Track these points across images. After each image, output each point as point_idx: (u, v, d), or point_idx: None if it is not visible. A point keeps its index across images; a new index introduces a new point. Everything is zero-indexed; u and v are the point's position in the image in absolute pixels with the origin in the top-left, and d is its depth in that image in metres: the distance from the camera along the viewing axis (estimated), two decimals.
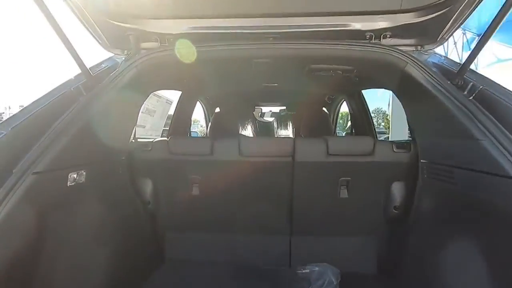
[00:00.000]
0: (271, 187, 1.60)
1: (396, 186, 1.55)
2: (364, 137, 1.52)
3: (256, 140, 1.56)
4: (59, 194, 1.00)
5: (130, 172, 1.52)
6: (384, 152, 1.47)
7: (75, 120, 1.03)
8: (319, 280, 1.53)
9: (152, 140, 1.57)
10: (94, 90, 1.15)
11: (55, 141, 0.95)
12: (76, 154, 1.06)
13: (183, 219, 1.73)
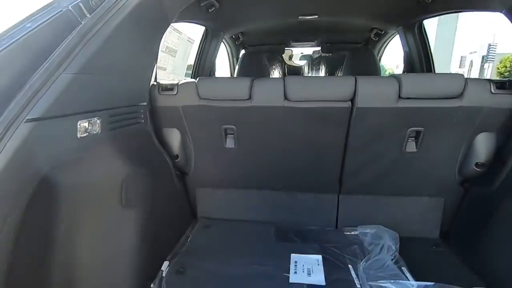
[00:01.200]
0: (322, 139, 1.32)
1: (483, 138, 1.23)
2: (452, 76, 1.15)
3: (306, 81, 1.24)
4: (67, 148, 0.77)
5: (153, 120, 1.28)
6: (478, 94, 1.12)
7: (77, 50, 0.76)
8: (375, 244, 1.34)
9: (177, 82, 1.29)
10: (99, 10, 0.85)
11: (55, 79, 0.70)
12: (85, 97, 0.81)
13: (216, 175, 1.53)
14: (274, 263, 1.20)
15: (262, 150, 1.40)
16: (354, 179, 1.43)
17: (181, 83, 1.29)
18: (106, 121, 0.91)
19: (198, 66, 2.33)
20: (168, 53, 1.82)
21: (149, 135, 1.23)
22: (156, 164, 1.31)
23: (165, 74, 1.88)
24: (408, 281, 1.07)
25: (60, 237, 0.82)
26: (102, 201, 0.96)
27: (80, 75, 0.75)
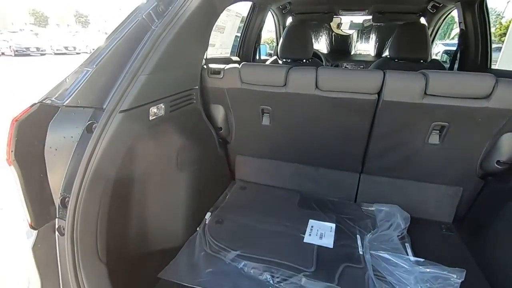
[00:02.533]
0: (348, 125, 1.46)
1: (508, 137, 1.26)
2: (480, 76, 1.17)
3: (337, 73, 1.34)
4: (142, 128, 1.06)
5: (202, 99, 1.53)
6: (507, 96, 1.14)
7: (150, 54, 1.00)
8: (385, 220, 1.51)
9: (224, 67, 1.49)
10: (166, 15, 1.05)
11: (135, 78, 0.95)
12: (154, 90, 1.07)
13: (252, 146, 1.78)
14: (293, 225, 1.45)
15: (293, 129, 1.59)
16: (376, 162, 1.56)
17: (227, 68, 1.49)
18: (168, 105, 1.18)
19: (244, 39, 2.47)
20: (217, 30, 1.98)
21: (199, 112, 1.49)
22: (204, 135, 1.59)
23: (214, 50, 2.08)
24: (404, 255, 1.25)
25: (136, 189, 1.15)
26: (164, 165, 1.28)
27: (151, 75, 1.00)
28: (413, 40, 2.10)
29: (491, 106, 1.16)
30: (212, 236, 1.36)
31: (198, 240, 1.37)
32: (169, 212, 1.34)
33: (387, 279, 1.15)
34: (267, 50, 3.59)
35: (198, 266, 1.24)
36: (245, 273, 1.20)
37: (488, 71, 2.09)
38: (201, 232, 1.42)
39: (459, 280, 1.05)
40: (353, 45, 3.70)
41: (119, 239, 1.07)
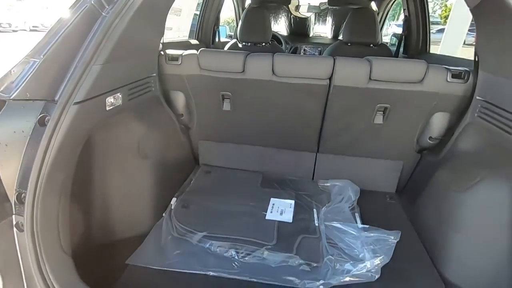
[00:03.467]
0: (304, 108, 1.56)
1: (438, 116, 1.45)
2: (415, 62, 1.32)
3: (292, 59, 1.41)
4: (99, 118, 1.05)
5: (161, 86, 1.52)
6: (436, 80, 1.31)
7: (103, 43, 0.97)
8: (338, 194, 1.67)
9: (182, 53, 1.48)
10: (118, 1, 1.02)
11: (89, 70, 0.93)
12: (110, 79, 1.05)
13: (214, 131, 1.82)
14: (256, 204, 1.55)
15: (253, 114, 1.66)
16: (329, 142, 1.70)
17: (185, 54, 1.48)
18: (125, 94, 1.16)
19: (202, 21, 2.42)
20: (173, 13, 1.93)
21: (158, 99, 1.48)
22: (165, 122, 1.59)
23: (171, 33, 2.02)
24: (354, 223, 1.42)
25: (98, 179, 1.15)
26: (125, 154, 1.28)
27: (105, 64, 0.98)
28: (363, 26, 2.24)
29: (424, 89, 1.32)
30: (178, 220, 1.40)
31: (165, 225, 1.41)
32: (134, 200, 1.35)
33: (338, 246, 1.30)
34: (227, 32, 3.54)
35: (166, 250, 1.29)
36: (211, 252, 1.28)
37: (428, 55, 2.32)
38: (167, 217, 1.46)
39: (395, 240, 1.23)
40: (311, 28, 3.79)
41: (83, 229, 1.08)
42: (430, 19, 2.22)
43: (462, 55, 5.54)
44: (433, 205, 1.41)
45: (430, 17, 2.32)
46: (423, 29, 2.22)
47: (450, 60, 1.89)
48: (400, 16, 2.96)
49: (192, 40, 2.36)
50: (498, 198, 1.05)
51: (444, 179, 1.36)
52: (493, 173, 1.11)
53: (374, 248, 1.24)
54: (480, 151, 1.21)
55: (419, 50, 2.33)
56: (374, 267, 1.16)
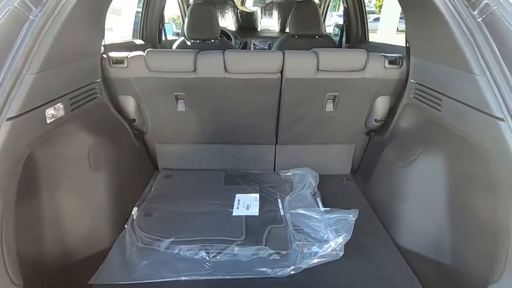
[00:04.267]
0: (259, 103, 1.59)
1: (380, 100, 1.58)
2: (357, 52, 1.42)
3: (243, 55, 1.43)
4: (40, 133, 0.95)
5: (108, 92, 1.42)
6: (375, 68, 1.42)
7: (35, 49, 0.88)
8: (300, 182, 1.75)
9: (127, 55, 1.40)
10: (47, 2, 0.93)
11: (21, 81, 0.84)
12: (47, 89, 0.96)
13: (171, 133, 1.76)
14: (222, 202, 1.55)
15: (210, 112, 1.64)
16: (286, 133, 1.75)
17: (131, 56, 1.41)
18: (67, 104, 1.07)
19: (146, 20, 2.31)
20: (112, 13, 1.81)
21: (106, 106, 1.39)
22: (116, 130, 1.50)
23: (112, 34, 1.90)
24: (316, 208, 1.50)
25: (47, 198, 1.06)
26: (75, 168, 1.19)
27: (41, 73, 0.89)
28: (307, 18, 2.33)
29: (366, 76, 1.43)
30: (142, 230, 1.35)
31: (128, 237, 1.35)
32: (91, 216, 1.27)
33: (304, 231, 1.37)
34: (173, 30, 3.42)
35: (132, 262, 1.23)
36: (181, 257, 1.25)
37: (367, 43, 2.50)
38: (130, 228, 1.39)
39: (354, 218, 1.33)
40: (259, 22, 3.84)
41: (35, 255, 0.99)
42: (366, 9, 2.39)
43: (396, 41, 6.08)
44: (384, 181, 1.54)
45: (366, 6, 2.49)
46: (361, 19, 2.39)
47: (387, 48, 2.06)
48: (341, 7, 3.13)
49: (137, 40, 2.24)
50: (435, 167, 1.19)
51: (390, 156, 1.49)
52: (429, 146, 1.25)
53: (336, 228, 1.32)
54: (417, 128, 1.35)
55: (359, 39, 2.49)
56: (338, 245, 1.24)
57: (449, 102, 1.06)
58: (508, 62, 0.83)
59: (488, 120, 0.87)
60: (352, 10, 2.40)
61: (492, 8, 0.91)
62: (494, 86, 0.84)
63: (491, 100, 0.84)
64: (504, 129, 0.82)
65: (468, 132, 0.99)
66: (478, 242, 0.99)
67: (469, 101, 0.94)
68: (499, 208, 0.88)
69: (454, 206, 1.12)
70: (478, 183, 0.99)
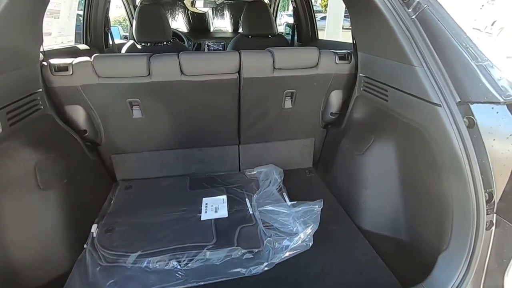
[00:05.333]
0: (218, 104, 1.58)
1: (334, 94, 1.67)
2: (309, 50, 1.48)
3: (199, 57, 1.40)
4: None
5: (53, 103, 1.30)
6: (327, 64, 1.50)
7: None
8: (265, 179, 1.77)
9: (71, 61, 1.29)
10: None
11: None
12: None
13: (128, 142, 1.67)
14: (189, 208, 1.51)
15: (168, 117, 1.59)
16: (248, 132, 1.77)
17: (76, 63, 1.30)
18: (4, 119, 0.96)
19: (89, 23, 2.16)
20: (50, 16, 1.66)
21: (51, 118, 1.27)
22: (65, 143, 1.38)
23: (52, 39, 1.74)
24: (283, 202, 1.54)
25: None
26: (19, 189, 1.07)
27: None
28: (259, 18, 2.37)
29: (319, 72, 1.50)
30: (104, 247, 1.26)
31: (89, 257, 1.25)
32: (43, 240, 1.15)
33: (274, 226, 1.39)
34: (120, 33, 3.24)
35: (96, 283, 1.15)
36: (151, 270, 1.20)
37: (318, 41, 2.62)
38: (90, 247, 1.29)
39: (320, 208, 1.39)
40: (211, 22, 3.80)
41: None
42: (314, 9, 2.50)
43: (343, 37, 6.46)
44: (343, 170, 1.63)
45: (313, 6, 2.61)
46: (310, 18, 2.50)
47: (336, 44, 2.18)
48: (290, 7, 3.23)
49: (81, 45, 2.07)
50: (388, 153, 1.30)
51: (347, 146, 1.59)
52: (380, 134, 1.36)
53: (304, 219, 1.37)
54: (369, 118, 1.46)
55: (310, 37, 2.60)
56: (307, 236, 1.29)
57: (395, 92, 1.16)
58: (439, 53, 0.94)
59: (428, 106, 0.97)
60: (301, 10, 2.49)
61: (423, 6, 1.01)
62: (430, 76, 0.94)
63: (429, 88, 0.94)
64: (442, 114, 0.92)
65: (413, 119, 1.09)
66: (428, 216, 1.10)
67: (411, 90, 1.04)
68: (443, 184, 0.99)
69: (406, 187, 1.23)
70: (425, 164, 1.10)
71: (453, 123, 0.90)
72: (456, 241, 0.94)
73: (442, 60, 0.93)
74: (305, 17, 2.51)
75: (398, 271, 1.18)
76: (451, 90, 0.91)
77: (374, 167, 1.40)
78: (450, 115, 0.90)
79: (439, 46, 0.94)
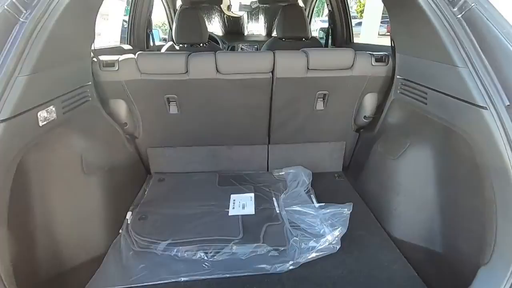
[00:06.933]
0: (250, 103, 1.61)
1: (369, 97, 1.63)
2: (345, 51, 1.47)
3: (234, 56, 1.45)
4: (32, 136, 0.94)
5: (99, 96, 1.41)
6: (363, 65, 1.47)
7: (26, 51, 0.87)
8: (293, 180, 1.77)
9: (118, 58, 1.40)
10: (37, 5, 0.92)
11: (13, 82, 0.82)
12: (39, 91, 0.94)
13: (163, 136, 1.76)
14: (217, 203, 1.55)
15: (202, 113, 1.65)
16: (278, 132, 1.78)
17: (121, 59, 1.40)
18: (59, 107, 1.06)
19: (133, 25, 2.31)
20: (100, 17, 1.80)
21: (97, 110, 1.38)
22: (108, 133, 1.48)
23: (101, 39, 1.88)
24: (311, 204, 1.52)
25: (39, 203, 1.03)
26: (67, 172, 1.16)
27: (32, 75, 0.88)
28: (294, 22, 2.38)
29: (354, 74, 1.48)
30: (137, 234, 1.33)
31: (123, 241, 1.33)
32: (85, 221, 1.24)
33: (301, 227, 1.38)
34: (160, 35, 3.42)
35: (129, 266, 1.21)
36: (179, 258, 1.24)
37: (352, 44, 2.57)
38: (125, 232, 1.37)
39: (349, 212, 1.36)
40: (245, 26, 3.88)
41: (29, 262, 0.96)
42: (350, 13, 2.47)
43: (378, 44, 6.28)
44: (375, 175, 1.58)
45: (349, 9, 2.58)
46: (345, 21, 2.47)
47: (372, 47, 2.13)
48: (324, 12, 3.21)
49: (125, 46, 2.23)
50: (424, 158, 1.24)
51: (380, 151, 1.54)
52: (417, 139, 1.30)
53: (332, 222, 1.34)
54: (405, 121, 1.40)
55: (345, 41, 2.57)
56: (335, 238, 1.26)
57: (435, 94, 1.11)
58: (487, 54, 0.89)
59: (472, 109, 0.91)
60: (337, 13, 2.47)
61: (470, 5, 0.97)
62: (476, 77, 0.89)
63: (474, 90, 0.89)
64: (488, 117, 0.87)
65: (454, 122, 1.03)
66: (467, 227, 1.04)
67: (454, 92, 0.99)
68: (485, 192, 0.92)
69: (443, 195, 1.16)
70: (464, 171, 1.04)
71: (500, 128, 0.84)
72: (500, 255, 0.87)
73: (490, 61, 0.87)
74: (340, 20, 2.48)
75: (431, 283, 1.12)
76: (500, 92, 0.85)
77: (408, 173, 1.34)
78: (497, 118, 0.85)
79: (487, 46, 0.89)
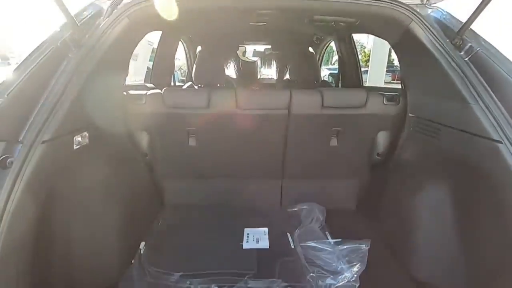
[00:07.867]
0: (266, 138, 1.67)
1: (381, 135, 1.68)
2: (357, 90, 1.56)
3: (253, 93, 1.55)
4: (66, 158, 1.00)
5: (126, 126, 1.50)
6: (375, 104, 1.54)
7: (71, 83, 0.97)
8: (308, 217, 1.75)
9: (145, 93, 1.51)
10: (84, 45, 1.05)
11: (57, 107, 0.91)
12: (77, 117, 1.03)
13: (180, 168, 1.80)
14: (231, 236, 1.54)
15: (218, 147, 1.71)
16: (292, 167, 1.81)
17: (149, 94, 1.52)
18: (92, 133, 1.13)
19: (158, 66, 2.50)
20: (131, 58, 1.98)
21: (124, 139, 1.46)
22: (130, 162, 1.54)
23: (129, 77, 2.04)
24: (326, 240, 1.49)
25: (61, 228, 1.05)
26: (90, 196, 1.20)
27: (73, 103, 0.97)
28: (306, 66, 2.55)
29: (366, 112, 1.55)
30: (151, 264, 1.31)
31: (136, 272, 1.30)
32: (100, 250, 1.24)
33: (317, 263, 1.34)
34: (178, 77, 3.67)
35: None
36: None
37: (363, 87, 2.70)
38: (137, 263, 1.35)
39: (367, 247, 1.32)
40: (258, 70, 4.14)
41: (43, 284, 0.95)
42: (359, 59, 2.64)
43: None
44: (391, 213, 1.56)
45: None
46: (355, 65, 2.63)
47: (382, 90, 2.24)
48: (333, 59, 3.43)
49: (148, 84, 2.40)
50: (441, 195, 1.24)
51: (396, 189, 1.54)
52: (433, 175, 1.31)
53: (349, 258, 1.31)
54: (420, 158, 1.43)
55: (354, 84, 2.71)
56: (353, 276, 1.22)
57: (448, 131, 1.15)
58: (496, 91, 0.95)
59: (487, 143, 0.95)
60: (346, 58, 2.65)
61: (475, 49, 1.06)
62: (488, 112, 0.94)
63: (487, 125, 0.94)
64: (504, 151, 0.89)
65: (469, 158, 1.06)
66: (493, 267, 1.00)
67: (468, 127, 1.03)
68: (510, 227, 0.91)
69: (464, 232, 1.14)
70: (484, 206, 1.03)
71: None
72: None
73: (499, 97, 0.93)
74: (349, 65, 2.64)
75: None
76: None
77: (426, 210, 1.32)
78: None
79: (495, 83, 0.95)
